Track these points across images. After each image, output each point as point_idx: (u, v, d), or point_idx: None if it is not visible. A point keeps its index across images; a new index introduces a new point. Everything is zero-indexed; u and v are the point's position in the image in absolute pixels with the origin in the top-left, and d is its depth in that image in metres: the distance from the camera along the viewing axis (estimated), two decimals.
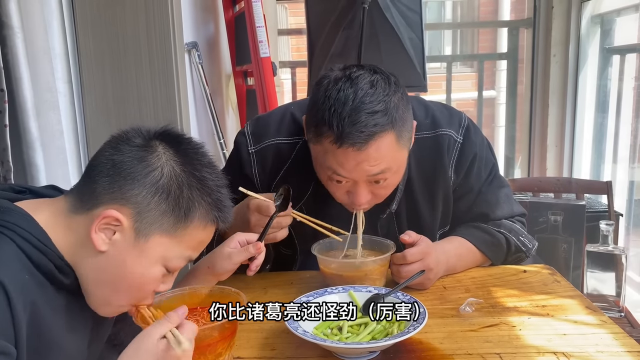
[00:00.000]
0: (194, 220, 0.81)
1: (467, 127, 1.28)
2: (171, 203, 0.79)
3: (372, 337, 0.95)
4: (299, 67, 3.56)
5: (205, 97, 2.31)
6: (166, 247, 0.80)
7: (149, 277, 0.81)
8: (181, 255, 0.82)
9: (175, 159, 0.80)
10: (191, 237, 0.82)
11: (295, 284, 1.25)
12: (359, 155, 1.05)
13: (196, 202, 0.81)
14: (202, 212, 0.81)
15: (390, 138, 1.07)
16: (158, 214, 0.78)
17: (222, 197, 0.84)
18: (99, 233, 0.77)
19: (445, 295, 1.17)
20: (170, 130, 0.84)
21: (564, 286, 1.21)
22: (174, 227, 0.79)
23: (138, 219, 0.78)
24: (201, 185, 0.81)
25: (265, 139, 1.28)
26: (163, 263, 0.81)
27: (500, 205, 1.31)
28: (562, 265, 2.05)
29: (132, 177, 0.77)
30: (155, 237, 0.79)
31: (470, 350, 0.95)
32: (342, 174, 1.09)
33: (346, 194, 1.15)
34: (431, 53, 4.39)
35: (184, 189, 0.80)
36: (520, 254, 1.32)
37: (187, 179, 0.80)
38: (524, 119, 3.32)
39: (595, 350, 0.94)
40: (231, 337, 0.89)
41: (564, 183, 2.17)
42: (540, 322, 1.05)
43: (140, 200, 0.77)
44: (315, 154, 1.14)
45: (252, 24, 2.27)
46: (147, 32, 1.83)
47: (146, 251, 0.79)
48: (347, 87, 1.05)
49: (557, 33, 2.99)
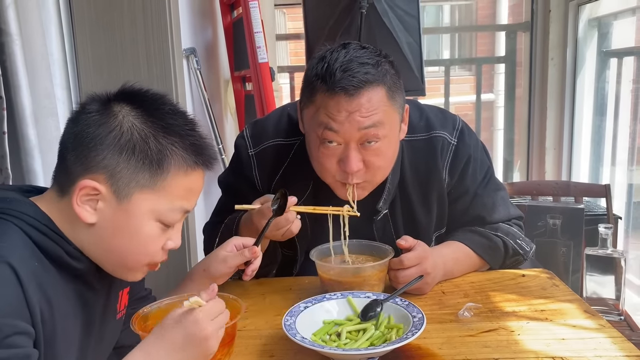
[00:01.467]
0: (171, 169, 0.79)
1: (462, 130, 1.29)
2: (140, 157, 0.78)
3: (371, 343, 0.95)
4: (297, 72, 3.57)
5: (204, 102, 2.31)
6: (152, 201, 0.79)
7: (145, 235, 0.80)
8: (171, 207, 0.81)
9: (134, 113, 0.79)
10: (175, 187, 0.80)
11: (294, 290, 1.24)
12: (350, 103, 1.08)
13: (167, 150, 0.79)
14: (176, 159, 0.80)
15: (382, 92, 1.10)
16: (131, 172, 0.78)
17: (196, 140, 0.82)
18: (82, 206, 0.77)
19: (444, 300, 1.17)
20: (127, 88, 0.83)
21: (563, 290, 1.21)
22: (152, 180, 0.79)
23: (113, 182, 0.77)
24: (167, 132, 0.80)
25: (264, 141, 1.30)
26: (156, 218, 0.80)
27: (496, 208, 1.32)
28: (561, 269, 2.05)
29: (94, 142, 0.77)
30: (136, 194, 0.78)
31: (469, 356, 0.95)
32: (334, 127, 1.09)
33: (337, 164, 1.14)
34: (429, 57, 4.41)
35: (150, 141, 0.78)
36: (518, 257, 1.32)
37: (150, 130, 0.79)
38: (523, 122, 3.32)
39: (594, 355, 0.94)
40: (230, 344, 0.89)
41: (562, 186, 2.17)
42: (539, 326, 1.05)
43: (108, 162, 0.77)
44: (308, 119, 1.16)
45: (250, 29, 2.27)
46: (145, 37, 1.84)
47: (132, 211, 0.79)
48: (339, 50, 1.11)
49: (554, 36, 3.00)
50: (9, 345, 0.67)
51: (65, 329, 0.79)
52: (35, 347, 0.73)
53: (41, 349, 0.73)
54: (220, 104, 2.75)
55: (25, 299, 0.71)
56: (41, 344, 0.73)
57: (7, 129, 1.34)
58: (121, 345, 1.01)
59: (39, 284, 0.73)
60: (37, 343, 0.73)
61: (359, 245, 1.24)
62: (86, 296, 0.84)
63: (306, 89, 1.15)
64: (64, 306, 0.79)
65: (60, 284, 0.78)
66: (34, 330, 0.72)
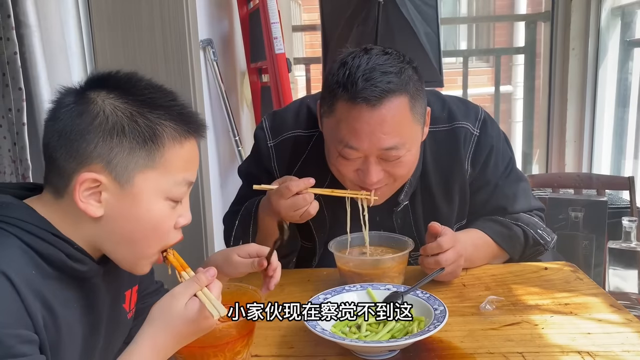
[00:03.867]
0: (165, 143, 0.78)
1: (484, 120, 1.27)
2: (132, 137, 0.76)
3: (392, 335, 0.94)
4: (313, 64, 3.55)
5: (221, 94, 2.31)
6: (155, 180, 0.78)
7: (157, 216, 0.79)
8: (175, 181, 0.79)
9: (112, 95, 0.77)
10: (174, 160, 0.79)
11: (313, 282, 1.24)
12: (372, 115, 1.05)
13: (156, 124, 0.77)
14: (168, 131, 0.78)
15: (404, 103, 1.08)
16: (127, 154, 0.76)
17: (181, 109, 0.81)
18: (86, 201, 0.75)
19: (465, 293, 1.15)
20: (95, 75, 0.81)
21: (587, 284, 1.18)
22: (149, 158, 0.77)
23: (112, 169, 0.75)
24: (151, 107, 0.78)
25: (283, 132, 1.30)
26: (163, 196, 0.79)
27: (517, 199, 1.30)
28: (582, 262, 2.01)
29: (81, 133, 0.75)
30: (137, 176, 0.76)
31: (492, 349, 0.93)
32: (354, 145, 1.08)
33: (356, 172, 1.13)
34: (446, 48, 4.36)
35: (137, 118, 0.76)
36: (538, 247, 1.30)
37: (134, 108, 0.77)
38: (542, 114, 3.27)
39: (621, 350, 0.91)
40: (249, 335, 0.88)
41: (584, 179, 2.13)
42: (564, 320, 1.02)
43: (100, 150, 0.75)
44: (328, 130, 1.15)
45: (266, 20, 2.25)
46: (162, 29, 1.83)
47: (138, 194, 0.77)
48: (361, 55, 1.09)
49: (576, 26, 2.94)
50: (15, 355, 0.66)
51: (71, 334, 0.78)
52: (42, 352, 0.71)
53: (47, 354, 0.72)
54: (237, 96, 2.75)
55: (24, 307, 0.69)
56: (47, 350, 0.72)
57: (26, 120, 1.35)
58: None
59: (37, 292, 0.72)
60: (43, 349, 0.72)
61: (378, 237, 1.23)
62: (90, 299, 0.82)
63: (327, 95, 1.12)
64: (67, 311, 0.77)
65: (61, 289, 0.77)
66: (39, 336, 0.71)
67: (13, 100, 1.34)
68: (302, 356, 0.94)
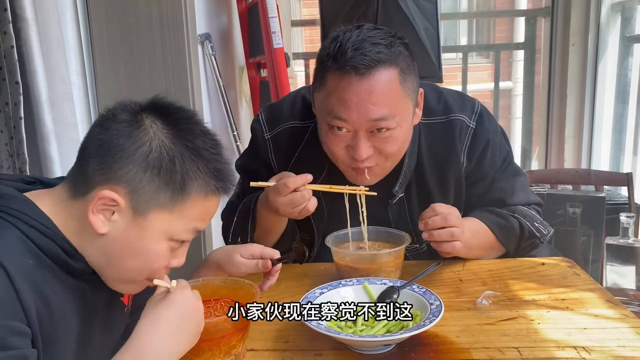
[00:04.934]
0: (192, 193, 0.78)
1: (480, 113, 1.27)
2: (164, 177, 0.76)
3: (387, 330, 0.94)
4: (312, 59, 3.53)
5: (219, 89, 2.30)
6: (167, 222, 0.78)
7: (154, 253, 0.79)
8: (185, 228, 0.80)
9: (165, 130, 0.78)
10: (193, 210, 0.79)
11: (310, 276, 1.24)
12: (361, 84, 1.05)
13: (191, 173, 0.78)
14: (199, 183, 0.78)
15: (394, 75, 1.08)
16: (152, 190, 0.76)
17: (221, 165, 0.81)
18: (97, 215, 0.76)
19: (462, 288, 1.15)
20: (159, 102, 0.81)
21: (584, 279, 1.18)
22: (171, 202, 0.77)
23: (133, 197, 0.76)
24: (195, 155, 0.78)
25: (280, 124, 1.30)
26: (168, 238, 0.79)
27: (515, 193, 1.30)
28: (580, 258, 2.01)
29: (121, 154, 0.75)
30: (153, 213, 0.77)
31: (488, 344, 0.93)
32: (343, 116, 1.08)
33: (346, 149, 1.13)
34: (446, 43, 4.35)
35: (177, 162, 0.77)
36: (534, 239, 1.29)
37: (178, 151, 0.77)
38: (541, 110, 3.26)
39: (617, 345, 0.92)
40: (245, 330, 0.88)
41: (582, 175, 2.13)
42: (560, 315, 1.02)
43: (132, 177, 0.75)
44: (319, 105, 1.15)
45: (265, 14, 2.25)
46: (160, 23, 1.83)
47: (147, 228, 0.77)
48: (352, 30, 1.10)
49: (576, 22, 2.93)
50: (4, 347, 0.66)
51: (66, 326, 0.78)
52: (34, 346, 0.71)
53: (39, 348, 0.72)
54: (235, 91, 2.74)
55: (18, 298, 0.69)
56: (39, 343, 0.72)
57: (23, 114, 1.35)
58: None
59: (33, 282, 0.72)
60: (35, 342, 0.72)
61: (375, 231, 1.23)
62: (86, 293, 0.82)
63: (318, 69, 1.14)
64: (62, 303, 0.77)
65: (58, 281, 0.77)
66: (31, 329, 0.70)
67: (10, 94, 1.33)
68: (298, 350, 0.94)
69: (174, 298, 0.79)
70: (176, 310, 0.78)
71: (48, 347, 0.74)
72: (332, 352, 0.93)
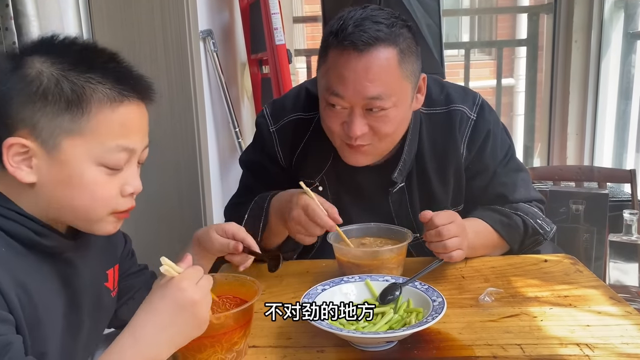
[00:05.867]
0: (92, 107, 0.74)
1: (482, 105, 1.29)
2: (55, 102, 0.72)
3: (390, 326, 0.94)
4: (314, 56, 3.53)
5: (221, 85, 2.30)
6: (83, 147, 0.74)
7: (89, 183, 0.75)
8: (107, 148, 0.75)
9: (42, 59, 0.74)
10: (103, 125, 0.75)
11: (311, 273, 1.23)
12: (359, 63, 1.07)
13: (83, 87, 0.73)
14: (97, 95, 0.74)
15: (392, 54, 1.09)
16: (50, 119, 0.73)
17: (118, 70, 0.76)
18: (17, 166, 0.73)
19: (464, 285, 1.15)
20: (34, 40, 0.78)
21: (587, 276, 1.18)
22: (75, 124, 0.73)
23: (37, 135, 0.73)
24: (81, 69, 0.74)
25: (284, 116, 1.31)
26: (95, 162, 0.75)
27: (517, 189, 1.30)
28: (583, 255, 2.00)
29: (9, 99, 0.73)
30: (65, 142, 0.74)
31: (490, 341, 0.93)
32: (340, 92, 1.10)
33: (342, 125, 1.14)
34: (448, 40, 4.33)
35: (62, 82, 0.73)
36: (537, 236, 1.29)
37: (61, 72, 0.73)
38: (544, 107, 3.25)
39: (620, 342, 0.91)
40: (247, 326, 0.88)
41: (585, 171, 2.12)
42: (563, 312, 1.02)
43: (25, 115, 0.73)
44: (319, 80, 1.17)
45: (267, 11, 2.24)
46: (162, 19, 1.82)
47: (67, 160, 0.74)
48: (357, 9, 1.12)
49: (578, 18, 2.92)
50: None
51: (49, 311, 0.77)
52: (19, 332, 0.70)
53: (25, 333, 0.71)
54: (237, 87, 2.74)
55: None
56: (24, 328, 0.71)
57: None
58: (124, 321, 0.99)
59: (9, 270, 0.71)
60: (19, 328, 0.71)
61: (377, 228, 1.23)
62: (67, 273, 0.81)
63: (321, 47, 1.16)
64: (42, 288, 0.76)
65: (34, 265, 0.76)
66: (13, 316, 0.70)
67: None
68: (300, 347, 0.93)
69: (169, 289, 0.75)
70: (169, 301, 0.74)
71: (33, 331, 0.73)
72: (334, 349, 0.92)
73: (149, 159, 0.85)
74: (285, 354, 0.92)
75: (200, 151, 1.92)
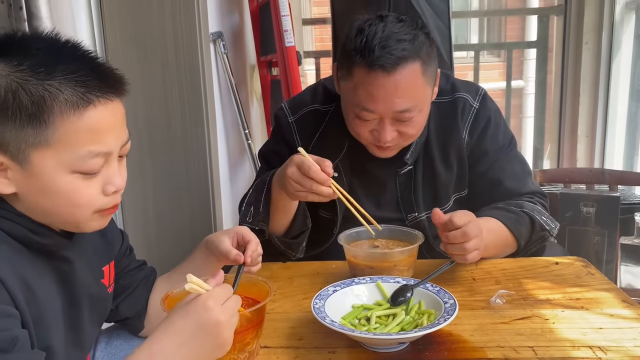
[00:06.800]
0: (55, 117, 0.68)
1: (484, 96, 1.36)
2: (16, 117, 0.68)
3: (401, 328, 0.94)
4: (323, 57, 3.53)
5: (230, 87, 2.31)
6: (53, 157, 0.70)
7: (67, 191, 0.72)
8: (78, 156, 0.71)
9: (1, 64, 0.68)
10: (72, 134, 0.70)
11: (322, 274, 1.24)
12: (388, 81, 1.14)
13: (43, 97, 0.68)
14: (58, 102, 0.68)
15: (416, 68, 1.16)
16: (14, 134, 0.69)
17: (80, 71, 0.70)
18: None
19: (475, 287, 1.14)
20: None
21: (599, 279, 1.17)
22: (40, 137, 0.69)
23: (5, 149, 0.70)
24: (40, 75, 0.68)
25: (302, 108, 1.39)
26: (69, 171, 0.72)
27: (515, 176, 1.34)
28: (594, 258, 1.99)
29: None
30: (33, 155, 0.70)
31: (502, 343, 0.92)
32: (370, 108, 1.17)
33: (371, 132, 1.22)
34: (457, 42, 4.32)
35: (19, 93, 0.67)
36: (544, 232, 1.30)
37: (18, 80, 0.68)
38: (553, 109, 3.23)
39: (634, 345, 0.91)
40: (259, 327, 0.89)
41: (596, 174, 2.11)
42: (575, 315, 1.02)
43: None
44: (345, 93, 1.23)
45: (277, 13, 2.25)
46: (172, 22, 1.84)
47: (38, 172, 0.71)
48: (377, 23, 1.16)
49: (589, 20, 2.90)
50: None
51: (51, 307, 0.77)
52: (24, 327, 0.70)
53: (30, 328, 0.71)
54: (247, 89, 2.75)
55: (1, 281, 0.68)
56: (30, 323, 0.71)
57: None
58: (125, 317, 1.01)
59: (11, 266, 0.71)
60: (25, 323, 0.71)
61: (388, 230, 1.23)
62: (64, 270, 0.80)
63: (344, 60, 1.20)
64: (43, 285, 0.76)
65: (33, 262, 0.75)
66: (18, 310, 0.69)
67: None
68: (311, 348, 0.94)
69: (193, 307, 0.73)
70: (191, 320, 0.72)
71: (37, 326, 0.73)
72: (346, 350, 0.93)
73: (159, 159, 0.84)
74: (297, 355, 0.92)
75: (210, 152, 1.93)
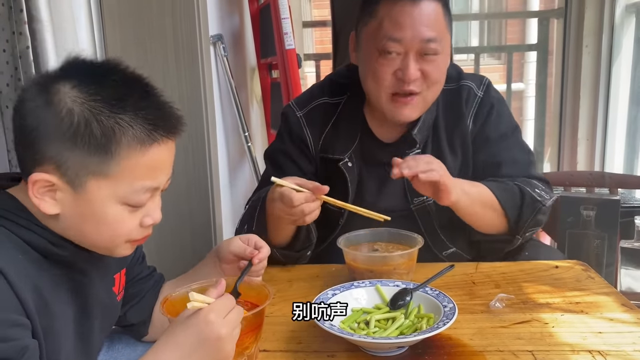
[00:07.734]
0: (121, 152, 0.72)
1: (488, 85, 1.39)
2: (84, 144, 0.70)
3: (401, 332, 0.94)
4: (323, 60, 3.53)
5: (230, 90, 2.31)
6: (109, 188, 0.73)
7: (112, 220, 0.75)
8: (132, 190, 0.74)
9: (74, 92, 0.71)
10: (132, 168, 0.73)
11: (321, 277, 1.24)
12: (414, 10, 1.18)
13: (113, 131, 0.71)
14: (128, 138, 0.72)
15: (439, 7, 1.21)
16: (78, 160, 0.71)
17: (150, 110, 0.73)
18: (42, 199, 0.73)
19: (475, 291, 1.14)
20: (68, 62, 0.75)
21: (598, 283, 1.17)
22: (103, 167, 0.72)
23: (63, 173, 0.72)
24: (113, 109, 0.71)
25: (310, 102, 1.39)
26: (119, 202, 0.75)
27: (516, 162, 1.33)
28: (594, 262, 1.98)
29: (35, 134, 0.71)
30: (90, 183, 0.73)
31: (502, 347, 0.92)
32: (397, 37, 1.18)
33: (394, 75, 1.21)
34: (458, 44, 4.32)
35: (92, 123, 0.70)
36: (536, 204, 1.26)
37: (92, 110, 0.70)
38: (554, 112, 3.23)
39: (633, 349, 0.90)
40: (258, 330, 0.88)
41: (597, 177, 2.10)
42: (574, 319, 1.02)
43: (52, 154, 0.71)
44: (368, 37, 1.24)
45: (277, 15, 2.25)
46: (172, 24, 1.84)
47: (91, 199, 0.73)
48: None
49: (589, 23, 2.90)
50: (5, 339, 0.66)
51: (63, 317, 0.78)
52: (34, 337, 0.71)
53: (40, 338, 0.72)
54: (247, 92, 2.75)
55: (13, 291, 0.68)
56: (39, 333, 0.72)
57: None
58: (130, 323, 1.01)
59: (26, 276, 0.71)
60: (35, 333, 0.71)
61: (387, 233, 1.23)
62: (80, 282, 0.82)
63: (366, 5, 1.24)
64: (56, 295, 0.77)
65: (49, 273, 0.76)
66: (30, 320, 0.70)
67: None
68: (310, 351, 0.94)
69: (194, 321, 0.74)
70: (192, 334, 0.73)
71: (48, 336, 0.74)
72: (345, 354, 0.92)
73: None
74: (296, 358, 0.92)
75: (210, 154, 1.93)
